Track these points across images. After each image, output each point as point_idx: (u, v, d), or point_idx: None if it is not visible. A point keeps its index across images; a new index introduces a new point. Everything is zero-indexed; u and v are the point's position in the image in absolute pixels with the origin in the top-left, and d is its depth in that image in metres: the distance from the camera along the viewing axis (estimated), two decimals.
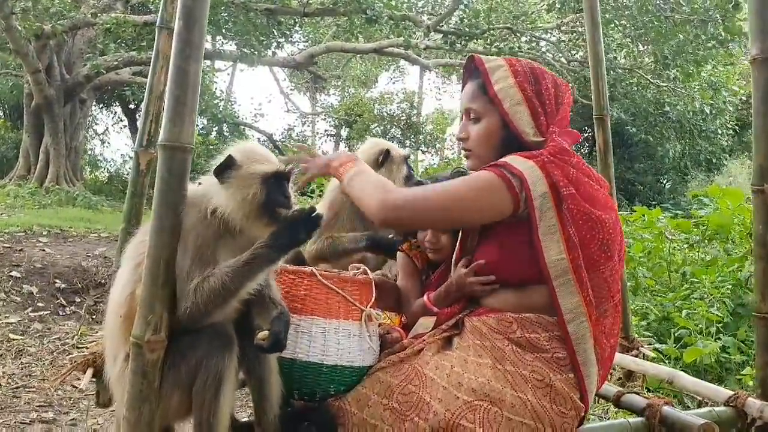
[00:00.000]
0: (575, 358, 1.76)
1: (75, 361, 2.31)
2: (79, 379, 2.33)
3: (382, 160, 2.95)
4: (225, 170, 1.80)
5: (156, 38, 2.39)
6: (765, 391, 2.10)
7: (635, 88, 16.57)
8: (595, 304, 1.78)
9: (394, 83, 26.30)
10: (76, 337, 5.29)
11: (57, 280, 6.58)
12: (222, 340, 1.70)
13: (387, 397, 1.75)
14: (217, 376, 1.67)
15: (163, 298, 1.63)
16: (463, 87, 2.06)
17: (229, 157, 1.81)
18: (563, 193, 1.78)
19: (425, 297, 2.12)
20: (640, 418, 2.04)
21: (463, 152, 2.04)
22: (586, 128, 18.71)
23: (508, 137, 1.93)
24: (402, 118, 20.89)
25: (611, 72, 14.69)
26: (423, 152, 21.81)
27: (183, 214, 1.70)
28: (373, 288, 2.00)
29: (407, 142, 20.66)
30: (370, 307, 1.95)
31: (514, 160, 1.82)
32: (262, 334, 1.70)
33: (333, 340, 1.87)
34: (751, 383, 3.84)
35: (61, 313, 6.14)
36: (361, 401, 1.79)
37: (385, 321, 2.07)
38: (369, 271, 2.04)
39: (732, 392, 2.13)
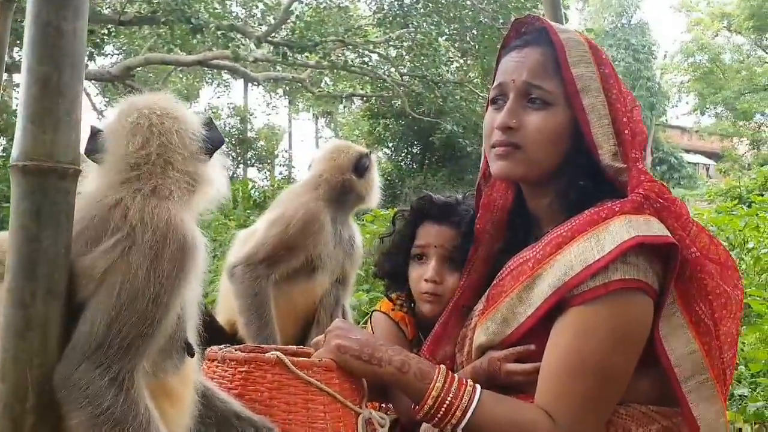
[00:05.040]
0: None
1: None
2: None
3: (362, 169, 2.21)
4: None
5: None
6: None
7: (463, 103, 17.02)
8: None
9: (219, 98, 25.00)
10: None
11: None
12: None
13: None
14: None
15: None
16: (504, 51, 1.40)
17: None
18: (688, 256, 1.22)
19: None
20: None
21: (494, 148, 1.34)
22: (416, 143, 19.04)
23: (577, 149, 1.31)
24: (233, 133, 19.79)
25: (441, 86, 14.92)
26: (259, 170, 20.85)
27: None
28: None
29: (239, 158, 19.59)
30: (366, 405, 1.29)
31: (634, 224, 1.19)
32: None
33: None
34: None
35: None
36: None
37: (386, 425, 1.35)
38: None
39: None
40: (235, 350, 1.30)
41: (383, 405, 1.55)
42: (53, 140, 0.92)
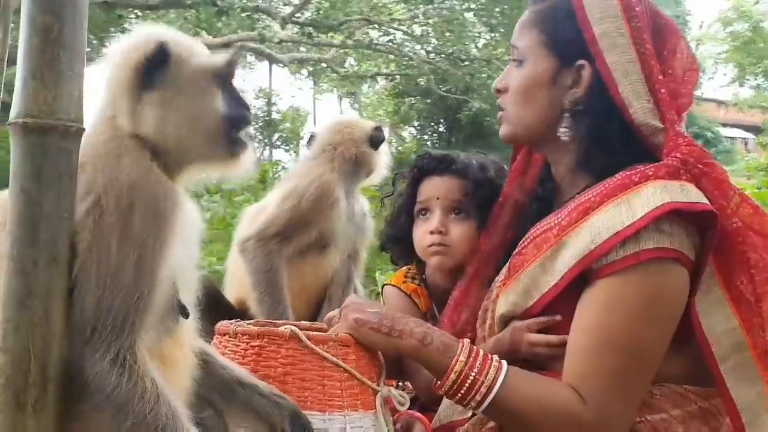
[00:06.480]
0: None
1: None
2: None
3: (377, 141, 2.15)
4: (156, 68, 1.01)
5: None
6: None
7: (490, 80, 16.78)
8: None
9: (243, 80, 25.04)
10: None
11: None
12: None
13: None
14: None
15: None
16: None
17: (161, 45, 1.01)
18: (729, 226, 1.14)
19: None
20: None
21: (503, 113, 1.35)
22: (443, 121, 18.84)
23: (602, 108, 1.22)
24: (258, 115, 19.83)
25: (467, 63, 14.71)
26: (286, 150, 20.90)
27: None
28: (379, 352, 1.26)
29: (266, 140, 19.66)
30: (384, 383, 1.22)
31: (669, 190, 1.10)
32: None
33: None
34: None
35: None
36: None
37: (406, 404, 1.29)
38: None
39: None
40: (247, 324, 1.24)
41: (400, 383, 1.49)
42: (55, 96, 0.87)
